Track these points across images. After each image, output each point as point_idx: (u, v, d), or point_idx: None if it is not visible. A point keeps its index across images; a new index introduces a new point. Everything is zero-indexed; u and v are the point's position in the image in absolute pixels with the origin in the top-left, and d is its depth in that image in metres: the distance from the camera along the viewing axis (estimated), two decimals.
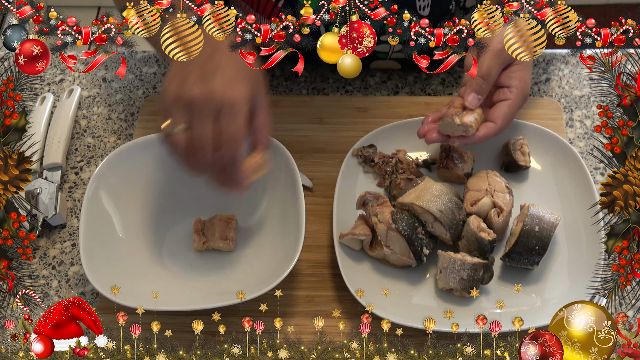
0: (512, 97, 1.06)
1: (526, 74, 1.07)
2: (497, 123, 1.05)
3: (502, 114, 1.05)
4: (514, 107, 1.06)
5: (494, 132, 1.06)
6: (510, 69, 1.06)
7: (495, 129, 1.05)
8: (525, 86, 1.07)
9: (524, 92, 1.07)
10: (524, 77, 1.07)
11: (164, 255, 1.07)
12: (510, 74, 1.06)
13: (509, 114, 1.06)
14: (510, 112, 1.06)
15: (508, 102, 1.06)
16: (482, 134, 1.05)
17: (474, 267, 0.98)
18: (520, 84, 1.06)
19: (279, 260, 1.01)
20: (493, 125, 1.05)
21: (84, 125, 1.24)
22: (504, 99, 1.06)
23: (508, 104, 1.06)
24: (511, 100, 1.06)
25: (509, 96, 1.06)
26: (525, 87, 1.07)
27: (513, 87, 1.06)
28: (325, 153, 1.17)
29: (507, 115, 1.06)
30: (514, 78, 1.06)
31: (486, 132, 1.05)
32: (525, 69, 1.07)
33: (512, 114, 1.07)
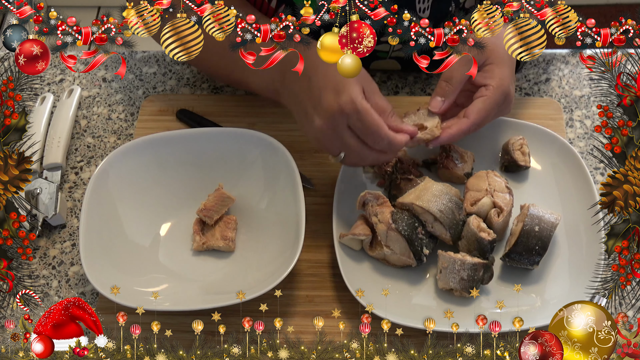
0: (487, 93, 1.04)
1: (503, 71, 1.05)
2: (470, 118, 1.04)
3: (476, 109, 1.04)
4: (488, 103, 1.04)
5: (467, 128, 1.04)
6: (485, 69, 1.05)
7: (468, 124, 1.04)
8: (503, 82, 1.05)
9: (501, 89, 1.05)
10: (500, 74, 1.05)
11: (164, 255, 1.07)
12: (485, 73, 1.05)
13: (483, 110, 1.04)
14: (484, 107, 1.04)
15: (483, 98, 1.04)
16: (454, 130, 1.04)
17: (474, 267, 0.98)
18: (496, 81, 1.04)
19: (279, 260, 1.01)
20: (466, 120, 1.04)
21: (84, 125, 1.24)
22: (480, 96, 1.05)
23: (483, 100, 1.04)
24: (487, 96, 1.04)
25: (485, 93, 1.05)
26: (503, 84, 1.05)
27: (489, 84, 1.05)
28: (325, 153, 1.17)
29: (481, 111, 1.04)
30: (489, 77, 1.05)
31: (459, 128, 1.04)
32: (501, 65, 1.05)
33: (487, 110, 1.05)
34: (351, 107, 0.95)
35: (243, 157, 1.11)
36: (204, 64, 1.19)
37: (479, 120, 1.05)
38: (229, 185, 1.10)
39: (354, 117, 0.96)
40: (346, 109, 0.95)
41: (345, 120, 0.96)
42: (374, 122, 0.97)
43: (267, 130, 1.11)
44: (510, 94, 1.06)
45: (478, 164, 1.13)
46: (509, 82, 1.06)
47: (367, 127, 0.97)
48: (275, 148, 1.08)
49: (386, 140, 0.98)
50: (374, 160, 1.03)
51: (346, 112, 0.95)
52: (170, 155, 1.11)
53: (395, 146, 1.00)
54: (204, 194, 1.09)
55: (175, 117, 1.22)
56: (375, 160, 1.03)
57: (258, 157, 1.11)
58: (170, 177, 1.11)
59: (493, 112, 1.06)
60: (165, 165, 1.11)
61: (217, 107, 1.23)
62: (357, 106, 0.95)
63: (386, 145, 0.99)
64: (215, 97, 1.25)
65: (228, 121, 1.21)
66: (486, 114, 1.05)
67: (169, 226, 1.10)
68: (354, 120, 0.96)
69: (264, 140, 1.09)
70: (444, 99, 1.05)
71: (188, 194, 1.11)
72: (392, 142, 0.99)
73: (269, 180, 1.10)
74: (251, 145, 1.10)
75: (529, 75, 1.27)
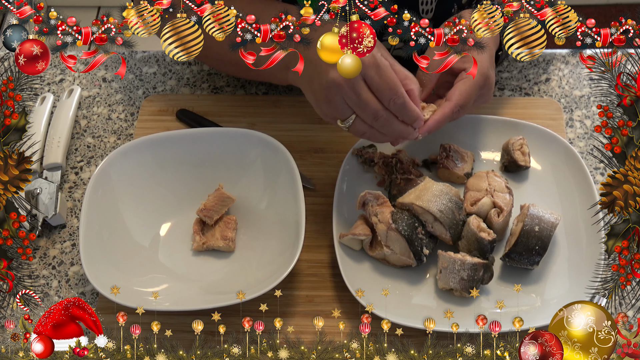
0: (467, 76, 1.03)
1: (482, 57, 1.03)
2: (452, 100, 1.03)
3: (458, 91, 1.03)
4: (469, 85, 1.03)
5: (450, 110, 1.03)
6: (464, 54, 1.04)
7: (451, 106, 1.03)
8: (482, 65, 1.03)
9: (481, 71, 1.03)
10: (480, 58, 1.02)
11: (164, 255, 1.07)
12: (464, 57, 1.03)
13: (465, 91, 1.03)
14: (465, 89, 1.03)
15: (463, 80, 1.04)
16: (439, 115, 1.02)
17: (474, 267, 0.98)
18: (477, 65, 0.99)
19: (279, 260, 1.01)
20: (448, 103, 1.03)
21: (84, 125, 1.24)
22: (460, 79, 1.04)
23: (463, 82, 1.04)
24: (466, 78, 1.04)
25: (465, 76, 1.04)
26: (482, 67, 1.03)
27: (467, 68, 1.03)
28: (325, 153, 1.17)
29: (462, 92, 1.03)
30: (467, 61, 1.00)
31: (442, 112, 1.03)
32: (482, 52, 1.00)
33: (468, 91, 1.03)
34: (370, 60, 0.93)
35: (243, 157, 1.11)
36: (209, 55, 1.18)
37: (461, 101, 1.03)
38: (229, 185, 1.10)
39: (373, 70, 0.93)
40: (365, 61, 0.92)
41: (361, 72, 0.90)
42: (392, 77, 0.94)
43: (267, 130, 1.11)
44: (490, 77, 1.05)
45: (478, 164, 1.13)
46: (488, 66, 1.05)
47: (385, 82, 0.94)
48: (275, 148, 1.08)
49: (402, 99, 0.95)
50: (386, 123, 0.97)
51: (365, 63, 0.91)
52: (170, 155, 1.11)
53: (408, 110, 0.96)
54: (204, 194, 1.09)
55: (175, 117, 1.22)
56: (387, 123, 0.97)
57: (258, 157, 1.11)
58: (170, 177, 1.11)
59: (474, 94, 1.05)
60: (165, 165, 1.11)
61: (217, 107, 1.23)
62: (377, 60, 0.93)
63: (401, 106, 0.96)
64: (215, 97, 1.25)
65: (228, 121, 1.21)
66: (468, 95, 1.04)
67: (169, 226, 1.10)
68: (372, 73, 0.93)
69: (264, 140, 1.09)
70: (422, 88, 1.04)
71: (188, 194, 1.11)
72: (405, 103, 0.95)
73: (269, 180, 1.10)
74: (251, 145, 1.10)
75: (529, 75, 1.27)
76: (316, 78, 0.96)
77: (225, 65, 1.22)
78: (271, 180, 1.10)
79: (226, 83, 1.28)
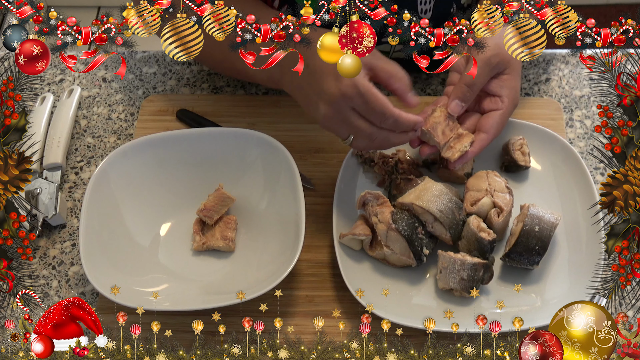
0: (503, 107, 1.06)
1: (517, 83, 1.07)
2: (489, 133, 1.06)
3: (495, 124, 1.06)
4: (505, 117, 1.07)
5: (487, 143, 1.06)
6: (501, 78, 1.06)
7: (488, 140, 1.06)
8: (516, 95, 1.07)
9: (514, 102, 1.07)
10: (515, 86, 1.07)
11: (164, 255, 1.07)
12: (501, 82, 1.06)
13: (501, 124, 1.07)
14: (502, 122, 1.06)
15: (500, 112, 1.06)
16: (477, 148, 1.06)
17: (474, 267, 0.98)
18: (512, 94, 1.06)
19: (279, 260, 1.01)
20: (486, 136, 1.06)
21: (84, 125, 1.24)
22: (496, 109, 1.06)
23: (500, 114, 1.06)
24: (503, 110, 1.06)
25: (500, 106, 1.06)
26: (516, 97, 1.07)
27: (504, 96, 1.06)
28: (325, 153, 1.17)
29: (499, 126, 1.06)
30: (505, 87, 1.06)
31: (480, 146, 1.06)
32: (516, 77, 1.07)
33: (504, 123, 1.07)
34: (353, 90, 0.94)
35: (243, 157, 1.11)
36: (206, 56, 1.19)
37: (497, 134, 1.07)
38: (229, 185, 1.10)
39: (357, 99, 0.95)
40: (348, 93, 0.94)
41: (348, 104, 0.96)
42: (377, 101, 0.95)
43: (267, 130, 1.11)
44: (517, 105, 1.09)
45: (478, 164, 1.13)
46: (519, 95, 1.08)
47: (371, 107, 0.96)
48: (275, 148, 1.08)
49: (392, 119, 0.97)
50: (384, 139, 1.00)
51: (348, 95, 0.95)
52: (170, 155, 1.11)
53: (402, 124, 0.98)
54: (204, 194, 1.09)
55: (175, 117, 1.22)
56: (385, 139, 1.00)
57: (258, 157, 1.11)
58: (170, 177, 1.11)
59: (505, 124, 1.08)
60: (165, 165, 1.11)
61: (217, 107, 1.23)
62: (359, 88, 0.94)
63: (392, 123, 0.98)
64: (215, 97, 1.25)
65: (228, 121, 1.21)
66: (502, 127, 1.07)
67: (169, 226, 1.10)
68: (357, 103, 0.95)
69: (264, 140, 1.09)
70: (464, 103, 1.05)
71: (188, 194, 1.11)
72: (398, 119, 0.97)
73: (269, 180, 1.10)
74: (251, 145, 1.10)
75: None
76: (312, 111, 1.00)
77: (221, 67, 1.23)
78: (271, 180, 1.10)
79: (226, 83, 1.28)
